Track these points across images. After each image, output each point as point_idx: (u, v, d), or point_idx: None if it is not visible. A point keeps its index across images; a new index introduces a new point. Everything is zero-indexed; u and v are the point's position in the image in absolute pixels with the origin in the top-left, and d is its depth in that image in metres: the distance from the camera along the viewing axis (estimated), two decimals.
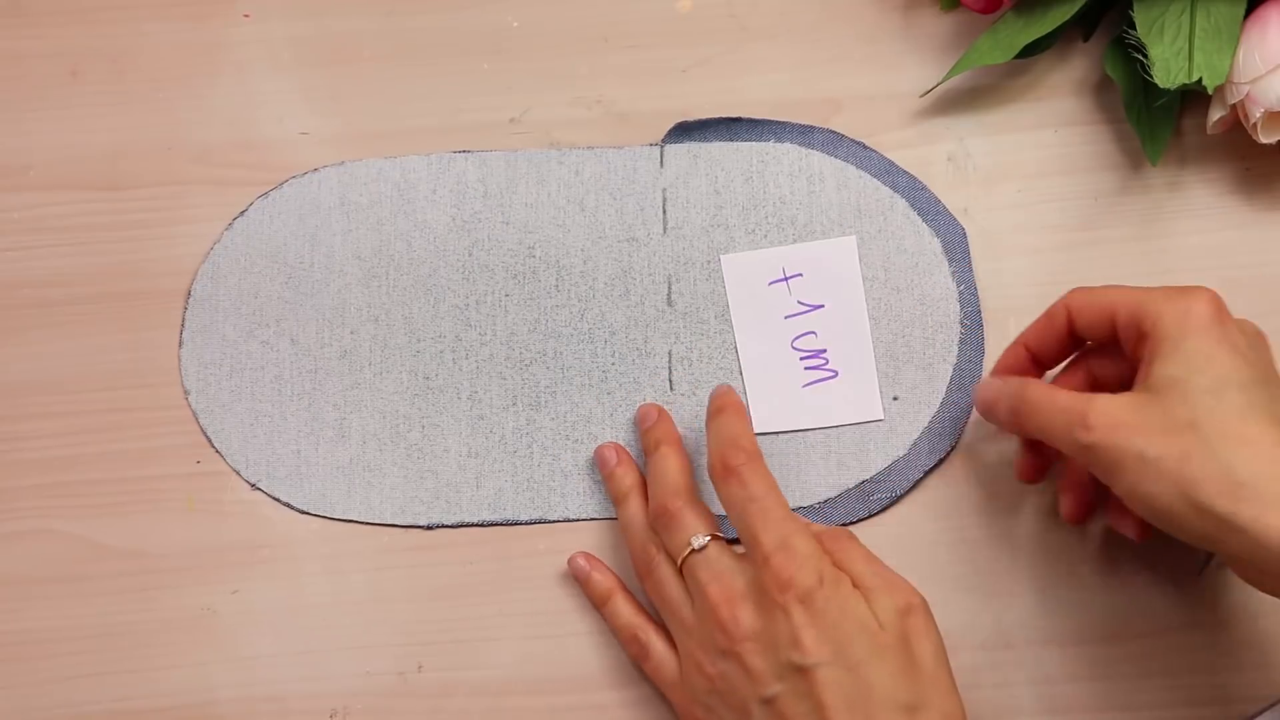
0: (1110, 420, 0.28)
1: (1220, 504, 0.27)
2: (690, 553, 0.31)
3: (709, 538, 0.31)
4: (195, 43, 0.38)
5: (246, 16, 0.39)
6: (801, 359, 0.36)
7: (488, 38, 0.38)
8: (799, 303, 0.36)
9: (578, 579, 0.34)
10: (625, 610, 0.33)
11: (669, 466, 0.33)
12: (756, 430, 0.35)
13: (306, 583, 0.34)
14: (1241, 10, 0.35)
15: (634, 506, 0.33)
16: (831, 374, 0.36)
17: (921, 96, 0.38)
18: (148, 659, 0.33)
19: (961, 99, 0.38)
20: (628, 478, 0.34)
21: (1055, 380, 0.33)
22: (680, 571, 0.31)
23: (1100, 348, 0.33)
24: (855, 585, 0.29)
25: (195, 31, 0.38)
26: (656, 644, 0.32)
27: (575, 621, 0.34)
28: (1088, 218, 0.37)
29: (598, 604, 0.34)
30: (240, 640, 0.34)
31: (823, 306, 0.36)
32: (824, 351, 0.36)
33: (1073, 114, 0.38)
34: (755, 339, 0.36)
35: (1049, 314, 0.32)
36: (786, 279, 0.36)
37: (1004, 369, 0.34)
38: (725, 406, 0.32)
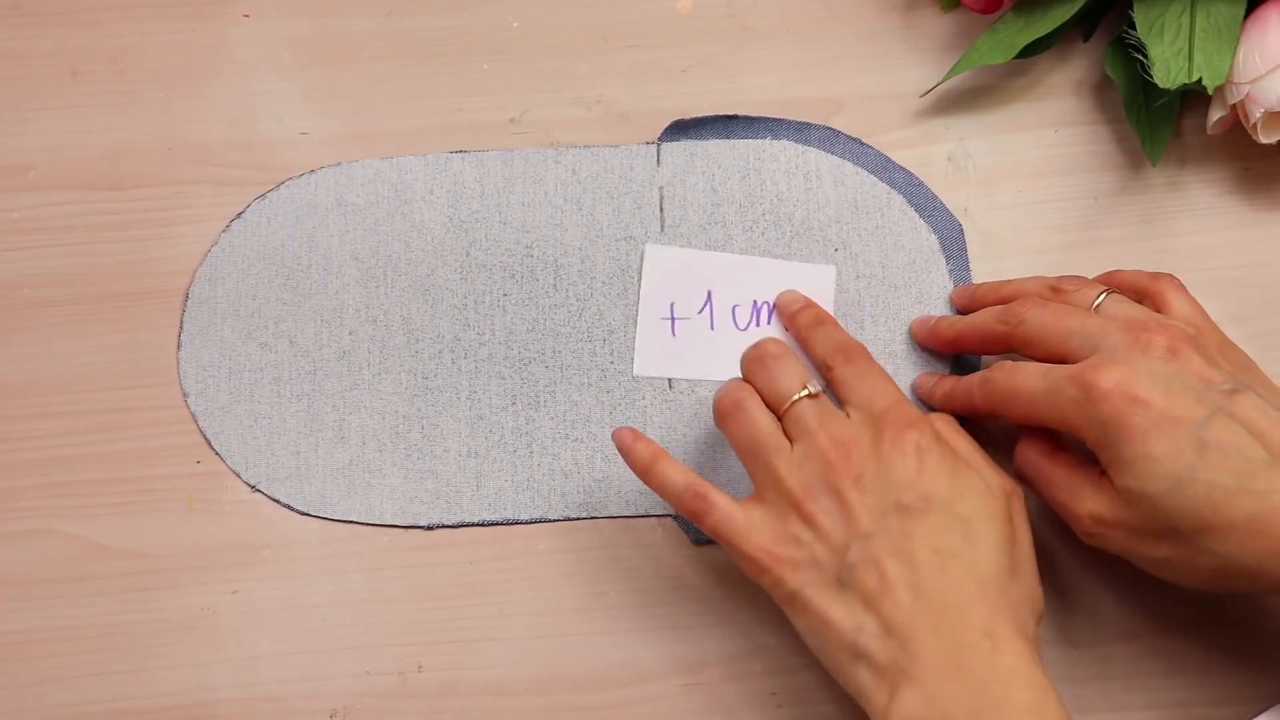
0: (1108, 532, 0.29)
1: (1242, 586, 0.28)
2: (803, 397, 0.30)
3: (822, 387, 0.30)
4: (195, 43, 0.38)
5: (246, 16, 0.39)
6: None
7: (487, 38, 0.38)
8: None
9: (620, 449, 0.32)
10: (675, 469, 0.31)
11: (765, 343, 0.31)
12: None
13: (306, 583, 0.34)
14: (1241, 10, 0.35)
15: (669, 463, 0.31)
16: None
17: (921, 96, 0.38)
18: (148, 659, 0.33)
19: (961, 99, 0.38)
20: (652, 445, 0.31)
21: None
22: (780, 418, 0.30)
23: None
24: (959, 456, 0.29)
25: (195, 31, 0.38)
26: (718, 496, 0.30)
27: (575, 621, 0.34)
28: (1088, 218, 0.37)
29: (642, 472, 0.31)
30: (240, 640, 0.34)
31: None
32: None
33: (1073, 114, 0.38)
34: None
35: (970, 407, 0.32)
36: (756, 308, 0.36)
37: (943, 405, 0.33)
38: (821, 320, 0.33)
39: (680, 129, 0.38)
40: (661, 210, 0.37)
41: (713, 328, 0.36)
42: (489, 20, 0.38)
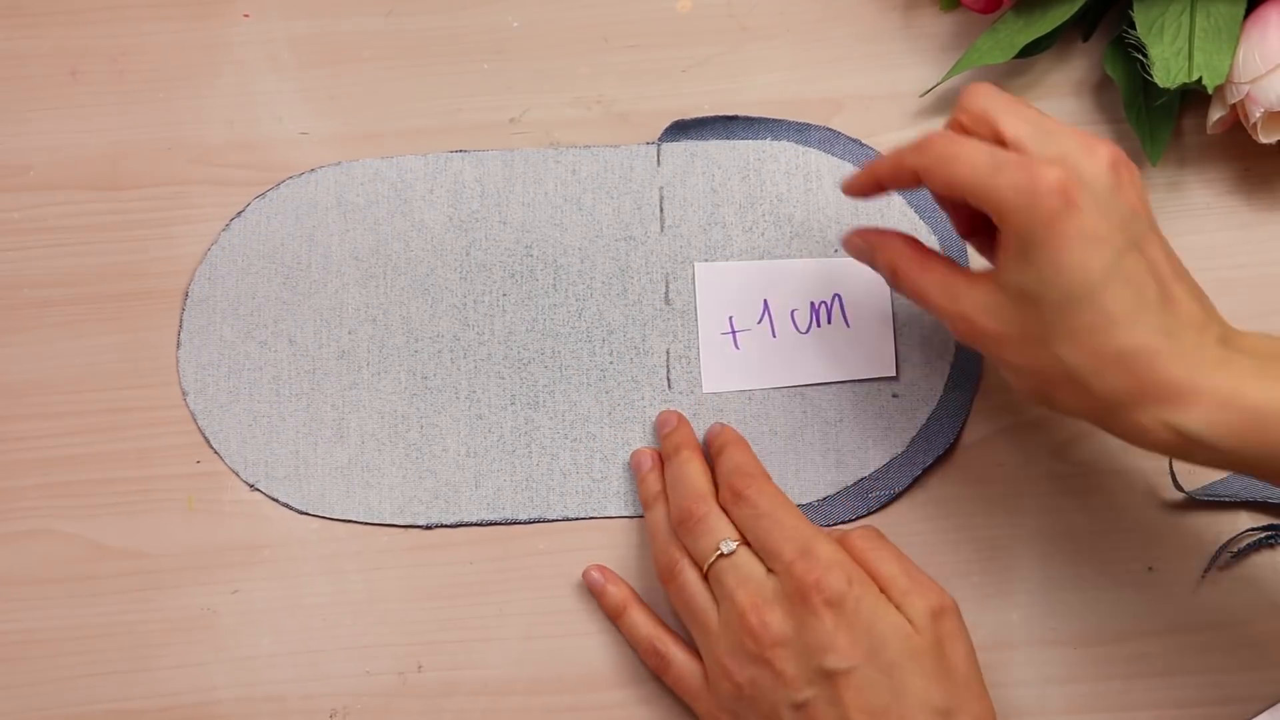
0: (978, 327, 0.29)
1: (1077, 410, 0.28)
2: (718, 558, 0.30)
3: (737, 543, 0.30)
4: (195, 43, 0.38)
5: (246, 16, 0.39)
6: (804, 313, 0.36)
7: (487, 38, 0.38)
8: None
9: (593, 591, 0.34)
10: (642, 621, 0.33)
11: (691, 470, 0.32)
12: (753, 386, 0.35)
13: (306, 583, 0.34)
14: (1241, 10, 0.35)
15: (659, 512, 0.33)
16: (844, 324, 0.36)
17: (921, 96, 0.38)
18: (148, 659, 0.33)
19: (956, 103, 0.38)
20: (657, 484, 0.33)
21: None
22: (705, 577, 0.31)
23: None
24: (885, 588, 0.29)
25: (195, 31, 0.38)
26: (677, 654, 0.32)
27: (575, 621, 0.34)
28: None
29: (613, 616, 0.33)
30: (240, 640, 0.34)
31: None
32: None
33: (1073, 114, 0.38)
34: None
35: (897, 166, 0.30)
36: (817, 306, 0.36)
37: (854, 191, 0.32)
38: (726, 443, 0.33)
39: (680, 129, 0.38)
40: (661, 210, 0.37)
41: (775, 335, 0.36)
42: (489, 20, 0.38)
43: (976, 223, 0.31)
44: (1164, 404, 0.27)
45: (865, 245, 0.32)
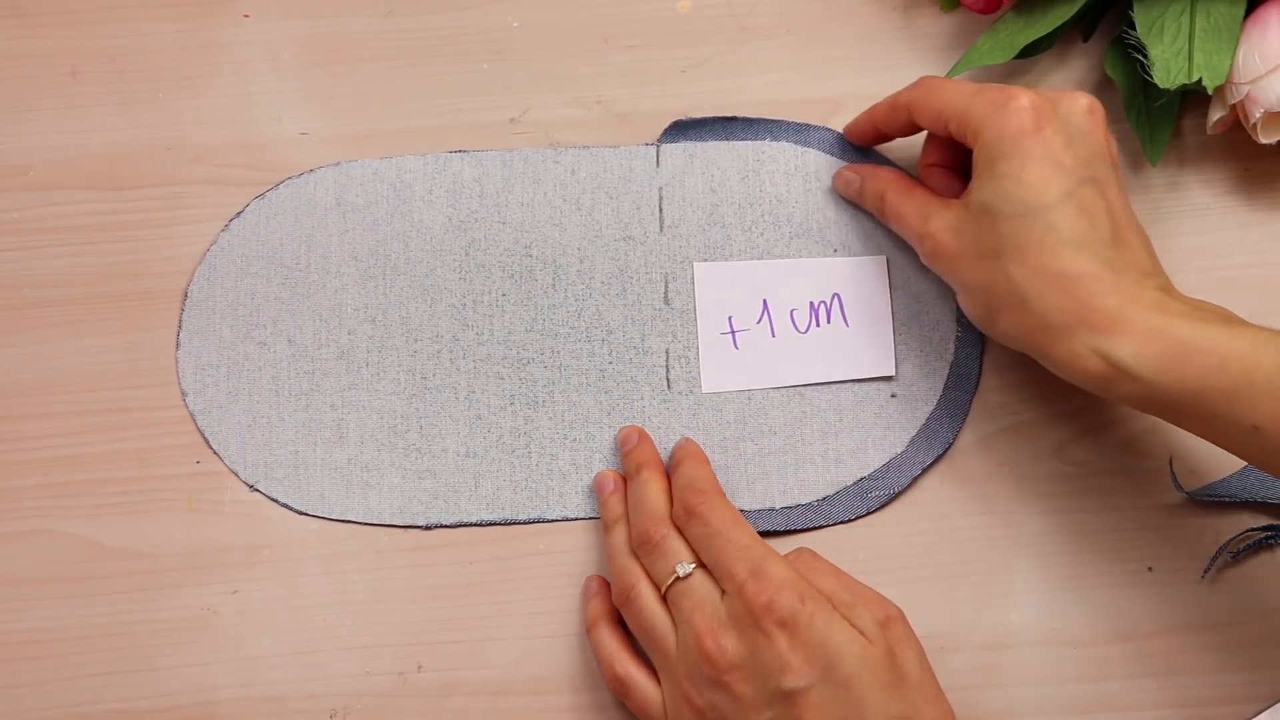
0: (940, 242, 0.31)
1: (1017, 333, 0.30)
2: (674, 580, 0.30)
3: (693, 566, 0.30)
4: (195, 43, 0.38)
5: (246, 16, 0.39)
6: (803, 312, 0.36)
7: (487, 38, 0.38)
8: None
9: (584, 592, 0.34)
10: (608, 642, 0.32)
11: (651, 491, 0.32)
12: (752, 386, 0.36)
13: (306, 583, 0.34)
14: (1241, 10, 0.35)
15: (620, 534, 0.33)
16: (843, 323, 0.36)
17: None
18: (148, 659, 0.33)
19: None
20: (619, 506, 0.33)
21: (921, 156, 0.35)
22: (664, 599, 0.31)
23: None
24: (832, 603, 0.29)
25: (195, 32, 0.38)
26: (638, 679, 0.31)
27: (575, 621, 0.34)
28: None
29: (587, 626, 0.33)
30: (240, 640, 0.34)
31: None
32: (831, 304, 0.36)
33: None
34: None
35: (892, 105, 0.34)
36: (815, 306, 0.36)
37: (854, 135, 0.36)
38: (684, 458, 0.33)
39: (680, 130, 0.38)
40: (661, 210, 0.37)
41: (774, 335, 0.36)
42: (489, 20, 0.38)
43: (961, 164, 0.34)
44: (1097, 331, 0.28)
45: (855, 177, 0.35)
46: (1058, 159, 0.29)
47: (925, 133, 0.34)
